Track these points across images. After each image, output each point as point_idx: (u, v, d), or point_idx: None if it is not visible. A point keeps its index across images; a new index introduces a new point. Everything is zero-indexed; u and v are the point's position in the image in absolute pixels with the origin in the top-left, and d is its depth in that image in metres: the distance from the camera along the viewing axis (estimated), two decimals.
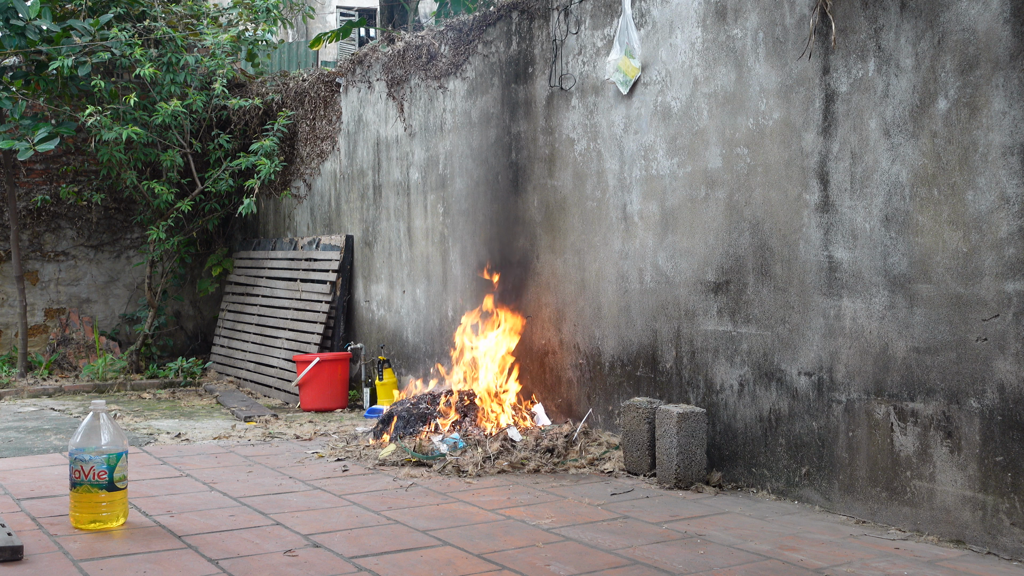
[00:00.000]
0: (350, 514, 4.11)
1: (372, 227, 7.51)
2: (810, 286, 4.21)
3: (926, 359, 3.76)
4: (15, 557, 3.42)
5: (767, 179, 4.39)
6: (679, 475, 4.50)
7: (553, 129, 5.66)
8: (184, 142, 8.58)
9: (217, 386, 8.30)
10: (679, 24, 4.82)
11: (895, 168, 3.86)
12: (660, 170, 4.95)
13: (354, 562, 3.45)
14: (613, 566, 3.40)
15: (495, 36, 6.14)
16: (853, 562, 3.44)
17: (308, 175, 8.37)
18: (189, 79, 8.33)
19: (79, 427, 3.86)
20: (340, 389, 7.23)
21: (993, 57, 3.52)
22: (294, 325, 7.94)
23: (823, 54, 4.14)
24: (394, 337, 7.23)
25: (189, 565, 3.41)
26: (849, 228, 4.04)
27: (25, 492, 4.48)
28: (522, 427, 5.40)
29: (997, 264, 3.52)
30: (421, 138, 6.86)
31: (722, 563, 3.43)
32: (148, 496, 4.41)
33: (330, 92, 8.04)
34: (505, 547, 3.62)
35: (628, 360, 5.17)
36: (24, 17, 7.92)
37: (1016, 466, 3.47)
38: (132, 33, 8.13)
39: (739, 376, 4.54)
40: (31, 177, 9.00)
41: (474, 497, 4.40)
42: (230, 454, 5.45)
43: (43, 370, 8.65)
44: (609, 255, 5.27)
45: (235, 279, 9.21)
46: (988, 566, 3.41)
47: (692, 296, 4.78)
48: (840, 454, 4.09)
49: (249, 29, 9.07)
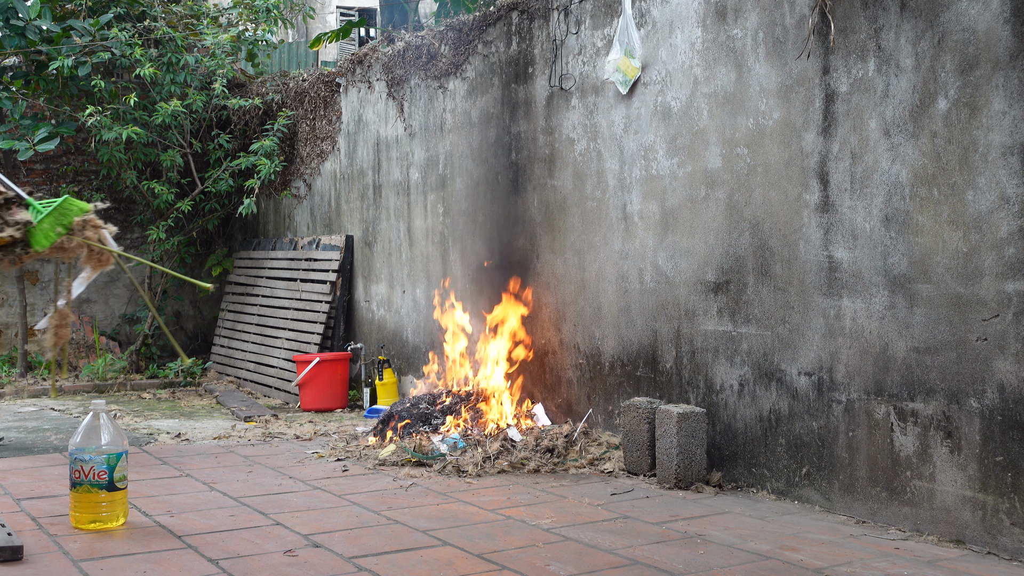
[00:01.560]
0: (350, 514, 4.11)
1: (372, 227, 7.51)
2: (810, 286, 4.21)
3: (926, 359, 3.76)
4: (15, 557, 3.42)
5: (767, 179, 4.39)
6: (679, 475, 4.50)
7: (553, 129, 5.66)
8: (184, 142, 8.59)
9: (217, 386, 8.30)
10: (679, 24, 4.82)
11: (895, 168, 3.86)
12: (660, 170, 4.95)
13: (354, 562, 3.45)
14: (613, 566, 3.40)
15: (495, 36, 6.14)
16: (853, 562, 3.44)
17: (308, 175, 8.37)
18: (189, 79, 8.33)
19: (79, 427, 3.86)
20: (340, 389, 7.24)
21: (993, 57, 3.52)
22: (294, 325, 7.94)
23: (823, 54, 4.14)
24: (394, 337, 7.23)
25: (189, 565, 3.41)
26: (849, 228, 4.04)
27: (25, 492, 4.48)
28: (522, 427, 5.40)
29: (997, 264, 3.52)
30: (421, 138, 6.86)
31: (722, 563, 3.43)
32: (148, 496, 4.41)
33: (330, 92, 8.04)
34: (505, 547, 3.62)
35: (628, 360, 5.17)
36: (24, 17, 7.93)
37: (1016, 466, 3.47)
38: (132, 33, 8.13)
39: (739, 376, 4.54)
40: (31, 177, 9.00)
41: (474, 497, 4.40)
42: (230, 454, 5.45)
43: (43, 370, 8.65)
44: (609, 255, 5.27)
45: (235, 279, 9.21)
46: (988, 566, 3.41)
47: (692, 296, 4.78)
48: (840, 454, 4.09)
49: (249, 29, 9.08)
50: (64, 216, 5.14)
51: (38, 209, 5.10)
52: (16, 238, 5.06)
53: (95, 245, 5.21)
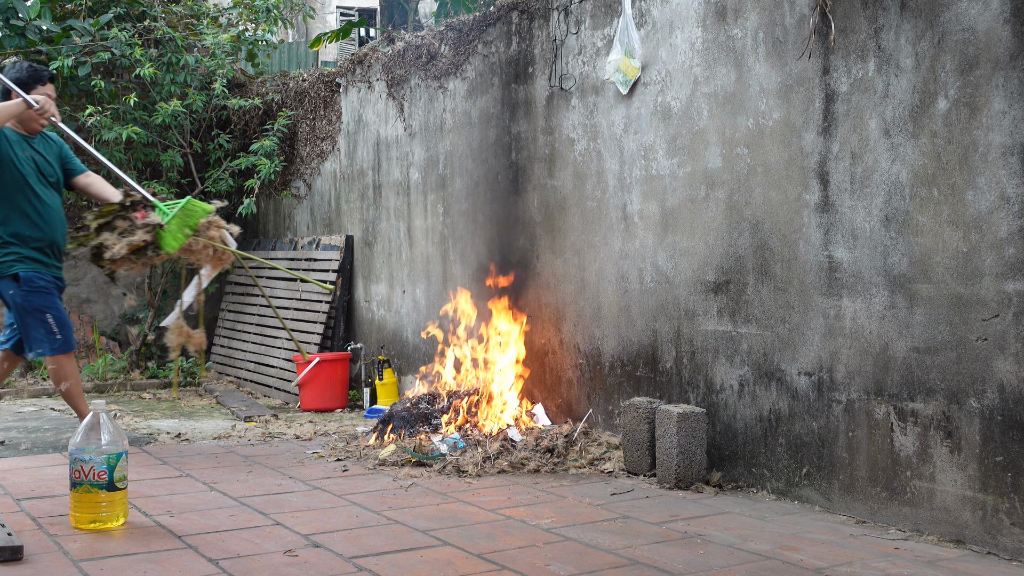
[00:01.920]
0: (350, 514, 4.11)
1: (372, 227, 7.51)
2: (810, 286, 4.21)
3: (926, 359, 3.76)
4: (15, 557, 3.42)
5: (767, 179, 4.39)
6: (679, 475, 4.50)
7: (553, 129, 5.66)
8: (184, 142, 8.58)
9: (217, 386, 8.30)
10: (679, 24, 4.82)
11: (895, 168, 3.86)
12: (660, 170, 4.95)
13: (354, 562, 3.45)
14: (613, 566, 3.40)
15: (495, 36, 6.14)
16: (853, 562, 3.44)
17: (308, 175, 8.37)
18: (189, 79, 8.33)
19: (79, 427, 3.86)
20: (340, 389, 7.24)
21: (993, 57, 3.52)
22: (294, 325, 7.94)
23: (823, 54, 4.14)
24: (394, 337, 7.23)
25: (189, 565, 3.41)
26: (849, 228, 4.04)
27: (25, 492, 4.48)
28: (522, 427, 5.40)
29: (997, 264, 3.52)
30: (421, 138, 6.86)
31: (722, 563, 3.43)
32: (148, 496, 4.41)
33: (330, 92, 8.04)
34: (505, 547, 3.62)
35: (628, 360, 5.17)
36: (24, 17, 7.93)
37: (1016, 466, 3.47)
38: (132, 33, 8.13)
39: (739, 376, 4.54)
40: None
41: (474, 497, 4.40)
42: (230, 454, 5.45)
43: (43, 370, 8.65)
44: (609, 255, 5.27)
45: (235, 279, 9.21)
46: (988, 566, 3.41)
47: (692, 296, 4.78)
48: (840, 454, 4.09)
49: (249, 29, 9.08)
50: (189, 217, 5.20)
51: (163, 211, 5.15)
52: (147, 241, 5.12)
53: (218, 245, 5.28)
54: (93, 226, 5.18)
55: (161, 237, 5.12)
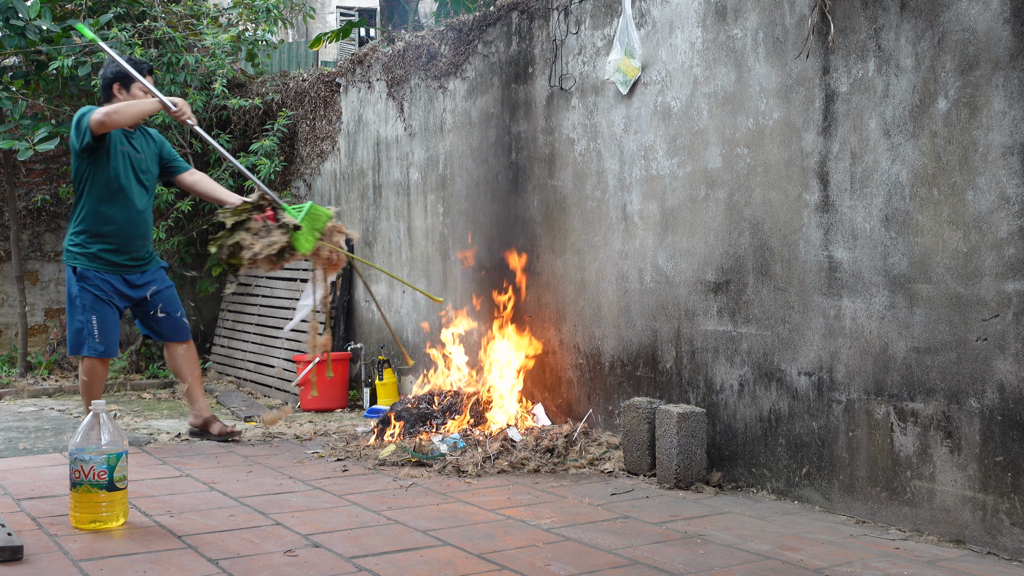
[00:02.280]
0: (350, 514, 4.11)
1: (372, 227, 7.51)
2: (810, 286, 4.21)
3: (926, 359, 3.76)
4: (15, 557, 3.42)
5: (767, 179, 4.39)
6: (679, 475, 4.50)
7: (553, 129, 5.66)
8: (184, 142, 8.58)
9: (217, 386, 8.30)
10: (679, 24, 4.82)
11: (895, 168, 3.86)
12: (660, 170, 4.95)
13: (354, 562, 3.45)
14: (613, 566, 3.40)
15: (495, 36, 6.14)
16: (853, 562, 3.44)
17: (308, 175, 8.37)
18: (189, 79, 8.33)
19: (79, 427, 3.86)
20: (340, 389, 7.24)
21: (993, 57, 3.52)
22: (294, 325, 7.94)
23: (823, 54, 4.14)
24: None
25: (189, 565, 3.41)
26: (849, 228, 4.04)
27: (25, 492, 4.48)
28: (522, 427, 5.40)
29: (997, 264, 3.52)
30: (421, 138, 6.86)
31: (722, 563, 3.43)
32: (148, 496, 4.41)
33: (330, 92, 8.04)
34: (505, 547, 3.62)
35: (628, 360, 5.17)
36: (24, 17, 7.92)
37: (1016, 466, 3.47)
38: (132, 33, 8.13)
39: (739, 376, 4.54)
40: (31, 177, 9.00)
41: (474, 497, 4.40)
42: (230, 454, 5.46)
43: (43, 370, 8.65)
44: (609, 255, 5.27)
45: (234, 279, 9.20)
46: (988, 566, 3.41)
47: (692, 296, 4.78)
48: (840, 454, 4.09)
49: (249, 29, 9.07)
50: (316, 221, 5.27)
51: (292, 213, 5.19)
52: (284, 244, 5.15)
53: (339, 250, 5.33)
54: (229, 223, 5.20)
55: (296, 239, 5.18)
